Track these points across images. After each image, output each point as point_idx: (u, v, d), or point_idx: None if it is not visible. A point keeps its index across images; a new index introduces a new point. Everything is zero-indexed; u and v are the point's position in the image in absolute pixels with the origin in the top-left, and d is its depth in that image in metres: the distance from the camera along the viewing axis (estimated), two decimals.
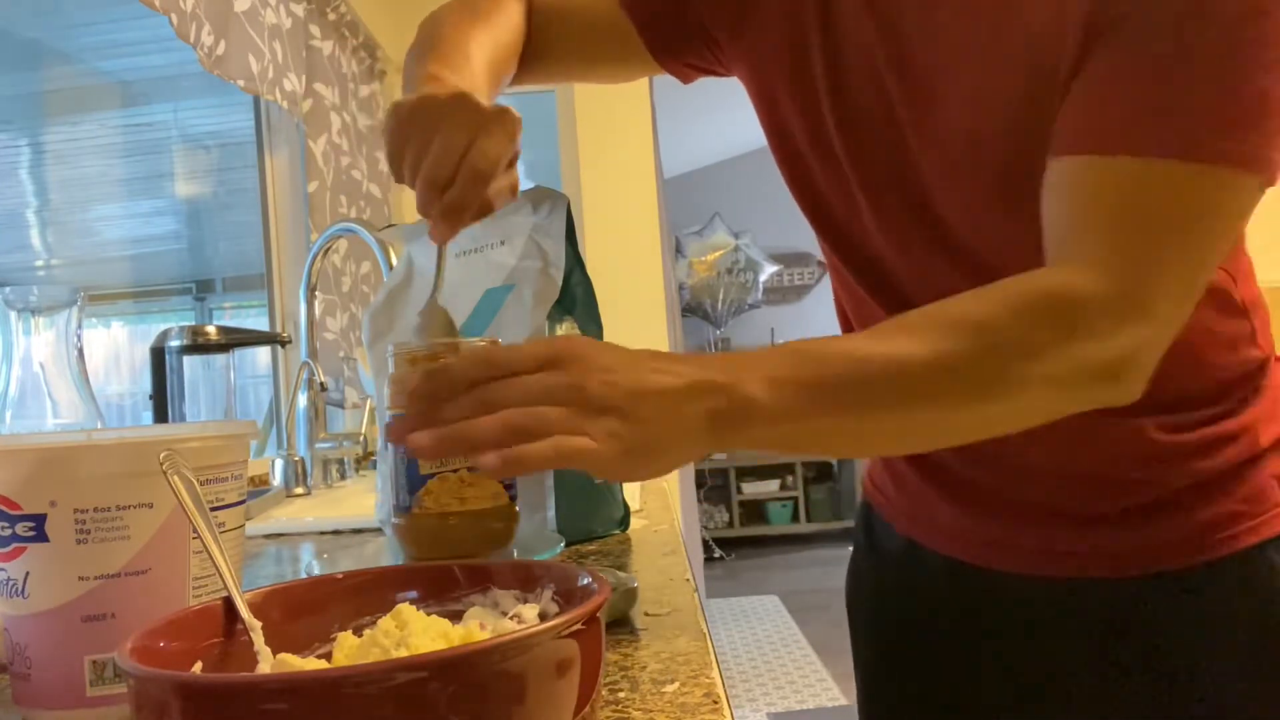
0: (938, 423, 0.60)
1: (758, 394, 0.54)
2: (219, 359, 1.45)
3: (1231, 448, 0.75)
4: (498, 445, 0.49)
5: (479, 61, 0.75)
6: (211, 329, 1.43)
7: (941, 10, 0.71)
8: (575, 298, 0.92)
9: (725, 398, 0.53)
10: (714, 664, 0.54)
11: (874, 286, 0.82)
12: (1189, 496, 0.75)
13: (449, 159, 0.65)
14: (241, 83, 1.74)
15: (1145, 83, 0.61)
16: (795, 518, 6.21)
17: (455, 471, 0.73)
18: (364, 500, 1.28)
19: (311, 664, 0.44)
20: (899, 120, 0.74)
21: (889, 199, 0.77)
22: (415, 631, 0.42)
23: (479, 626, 0.45)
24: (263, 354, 2.20)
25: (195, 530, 0.47)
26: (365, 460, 1.66)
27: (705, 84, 0.97)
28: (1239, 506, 0.75)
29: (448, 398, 0.52)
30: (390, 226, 1.45)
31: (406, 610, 0.44)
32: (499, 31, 0.82)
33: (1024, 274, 0.61)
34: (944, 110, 0.72)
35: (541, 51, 0.90)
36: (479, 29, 0.80)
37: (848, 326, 0.91)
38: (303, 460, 1.49)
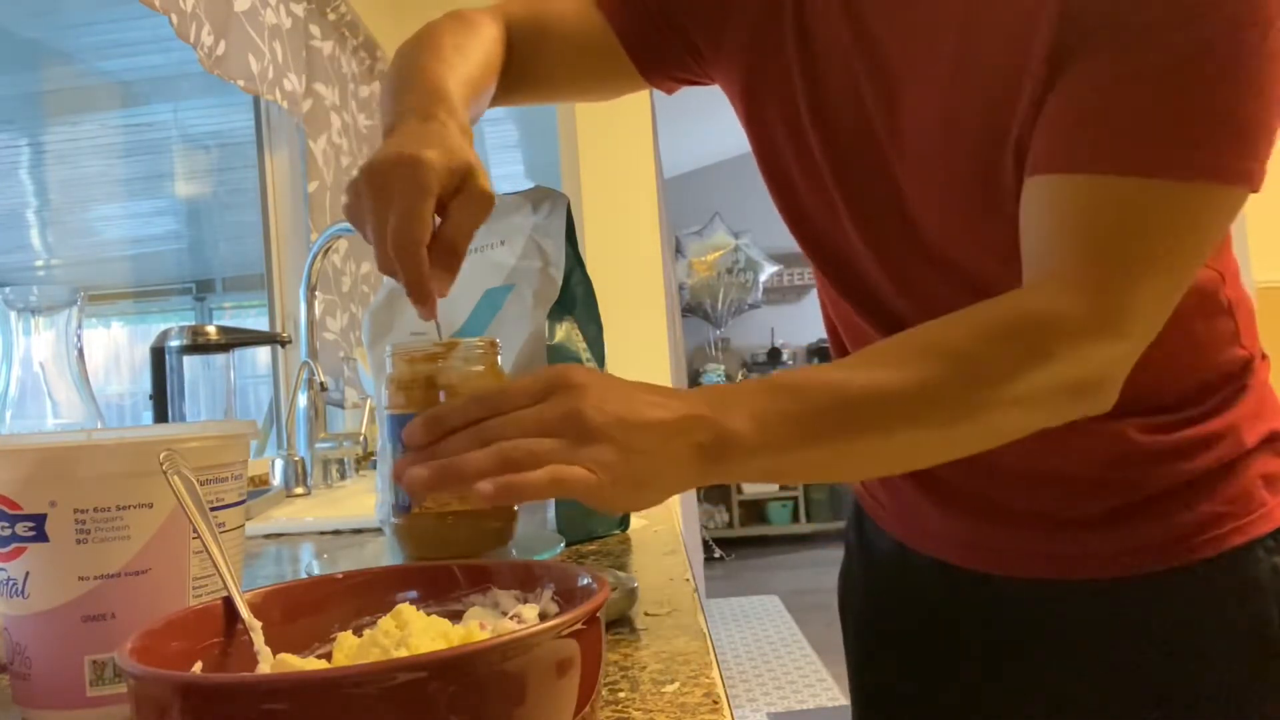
0: (915, 447, 0.62)
1: (741, 428, 0.55)
2: (219, 359, 1.45)
3: (1215, 448, 0.75)
4: (492, 475, 0.50)
5: (456, 95, 0.71)
6: (211, 329, 1.42)
7: (914, 14, 0.70)
8: (575, 298, 0.92)
9: (711, 432, 0.54)
10: (714, 664, 0.54)
11: (853, 291, 0.82)
12: (1172, 497, 0.75)
13: (383, 242, 0.62)
14: (241, 83, 1.74)
15: (1117, 99, 0.60)
16: (795, 518, 6.22)
17: None
18: (364, 500, 1.28)
19: (311, 664, 0.44)
20: (873, 124, 0.74)
21: (866, 202, 0.77)
22: (415, 631, 0.42)
23: (479, 626, 0.45)
24: (263, 354, 2.20)
25: (195, 530, 0.47)
26: (365, 460, 1.66)
27: (705, 85, 0.96)
28: (1224, 508, 0.74)
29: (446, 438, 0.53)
30: None
31: (406, 610, 0.44)
32: (474, 57, 0.79)
33: (1000, 297, 0.62)
34: (916, 116, 0.71)
35: (525, 70, 0.88)
36: (453, 58, 0.76)
37: (834, 332, 0.92)
38: (303, 460, 1.49)
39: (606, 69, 0.89)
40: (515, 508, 0.76)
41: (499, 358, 0.78)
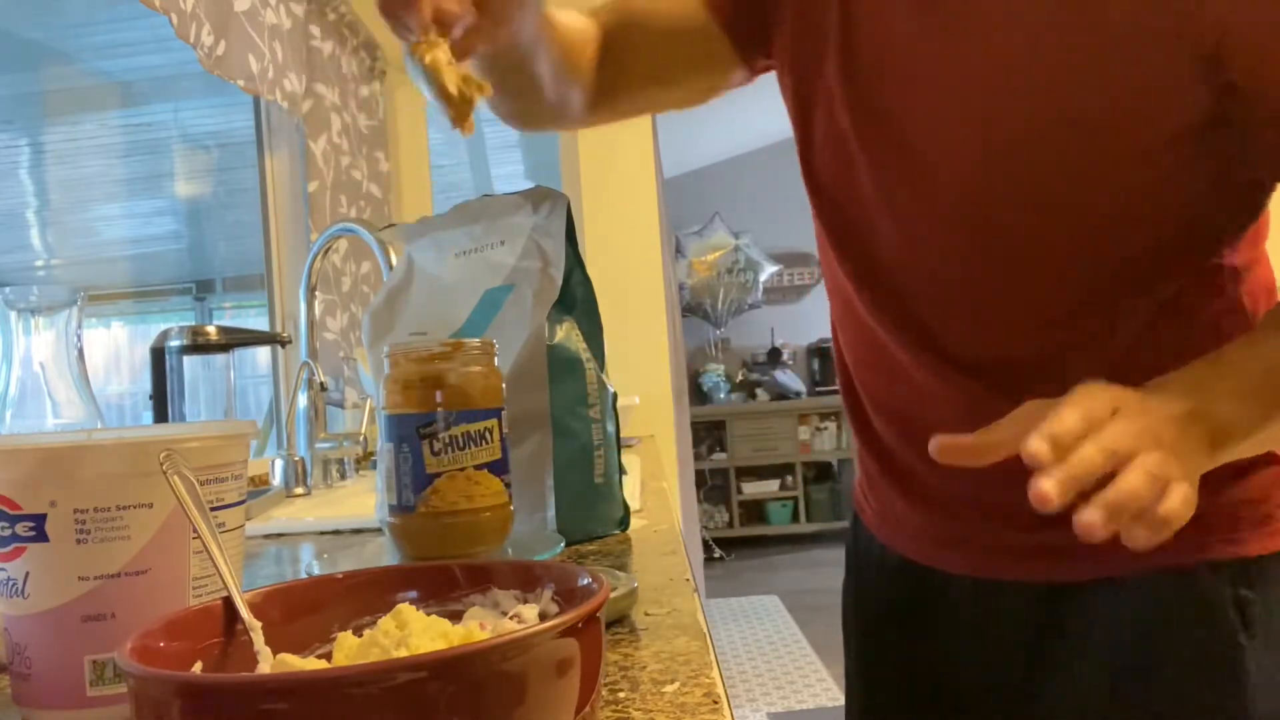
0: None
1: (1230, 410, 0.60)
2: (219, 359, 1.45)
3: None
4: (1147, 500, 0.52)
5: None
6: (211, 329, 1.43)
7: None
8: (575, 298, 0.92)
9: (1208, 420, 0.59)
10: (714, 664, 0.54)
11: (864, 273, 0.82)
12: None
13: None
14: (241, 83, 1.74)
15: None
16: (795, 518, 6.21)
17: (462, 470, 0.73)
18: (364, 500, 1.28)
19: (311, 664, 0.44)
20: (917, 68, 0.74)
21: (892, 173, 0.77)
22: (415, 631, 0.42)
23: (479, 626, 0.45)
24: (263, 354, 2.20)
25: (195, 530, 0.47)
26: (365, 460, 1.66)
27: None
28: (1240, 511, 0.74)
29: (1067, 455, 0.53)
30: (390, 226, 1.45)
31: (406, 610, 0.44)
32: (568, 16, 0.84)
33: None
34: (991, 97, 0.71)
35: (620, 66, 0.89)
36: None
37: (836, 342, 0.92)
38: (303, 460, 1.49)
39: (699, 53, 0.90)
40: (511, 506, 0.77)
41: (495, 359, 0.78)
